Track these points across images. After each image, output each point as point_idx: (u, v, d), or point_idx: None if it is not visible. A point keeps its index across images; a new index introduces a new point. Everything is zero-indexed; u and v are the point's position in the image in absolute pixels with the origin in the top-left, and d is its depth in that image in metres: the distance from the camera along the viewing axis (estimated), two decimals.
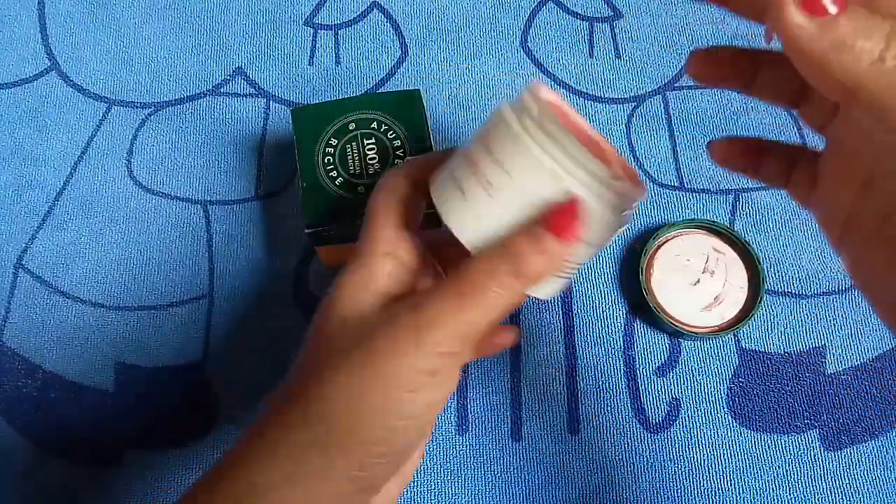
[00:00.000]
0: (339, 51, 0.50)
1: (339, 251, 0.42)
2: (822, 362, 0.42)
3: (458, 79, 0.49)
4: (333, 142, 0.39)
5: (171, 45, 0.50)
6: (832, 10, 0.19)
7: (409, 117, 0.40)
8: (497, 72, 0.49)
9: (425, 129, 0.39)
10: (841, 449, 0.41)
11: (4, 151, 0.48)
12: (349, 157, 0.39)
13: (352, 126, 0.40)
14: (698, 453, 0.41)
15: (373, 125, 0.40)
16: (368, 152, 0.39)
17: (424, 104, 0.40)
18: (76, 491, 0.41)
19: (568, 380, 0.42)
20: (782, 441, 0.41)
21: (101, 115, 0.49)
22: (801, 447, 0.41)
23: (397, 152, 0.39)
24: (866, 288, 0.23)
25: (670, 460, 0.41)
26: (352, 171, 0.39)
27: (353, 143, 0.39)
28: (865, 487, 0.40)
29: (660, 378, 0.42)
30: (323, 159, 0.39)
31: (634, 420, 0.41)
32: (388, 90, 0.41)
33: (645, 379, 0.42)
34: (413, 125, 0.40)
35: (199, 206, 0.47)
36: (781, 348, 0.42)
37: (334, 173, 0.39)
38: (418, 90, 0.40)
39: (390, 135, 0.39)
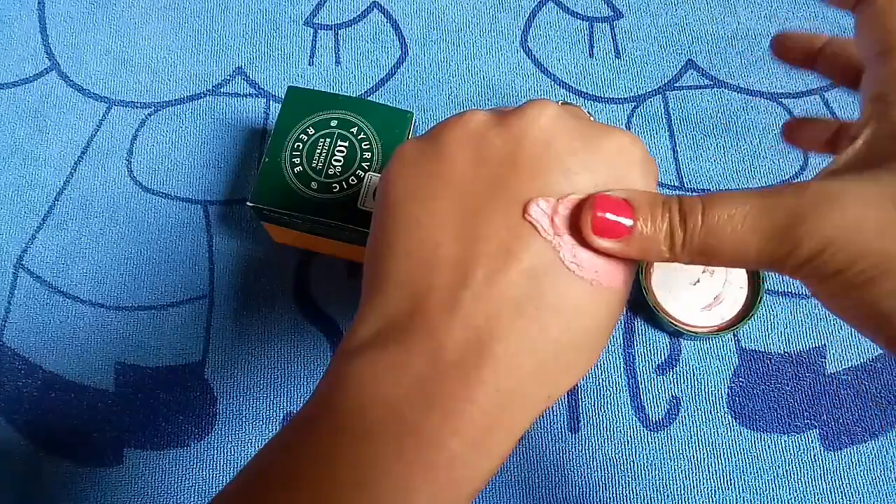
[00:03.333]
0: (339, 51, 0.50)
1: (286, 232, 0.41)
2: (822, 362, 0.42)
3: (458, 79, 0.49)
4: (310, 131, 0.39)
5: (171, 45, 0.51)
6: (627, 223, 0.21)
7: (391, 135, 0.39)
8: (497, 72, 0.49)
9: None
10: (841, 449, 0.41)
11: (4, 151, 0.48)
12: (317, 151, 0.39)
13: (333, 123, 0.40)
14: (698, 452, 0.41)
15: (353, 129, 0.39)
16: (337, 153, 0.39)
17: (412, 129, 0.40)
18: (76, 491, 0.41)
19: None
20: (782, 441, 0.41)
21: (101, 115, 0.49)
22: (801, 447, 0.41)
23: (363, 164, 0.38)
24: None
25: (670, 459, 0.41)
26: (313, 166, 0.39)
27: (327, 140, 0.39)
28: (865, 487, 0.40)
29: (659, 376, 0.42)
30: (293, 144, 0.39)
31: (634, 418, 0.41)
32: (386, 103, 0.41)
33: (645, 377, 0.42)
34: (391, 144, 0.39)
35: (199, 206, 0.47)
36: (781, 348, 0.42)
37: (297, 160, 0.39)
38: (412, 113, 0.40)
39: (364, 145, 0.39)
